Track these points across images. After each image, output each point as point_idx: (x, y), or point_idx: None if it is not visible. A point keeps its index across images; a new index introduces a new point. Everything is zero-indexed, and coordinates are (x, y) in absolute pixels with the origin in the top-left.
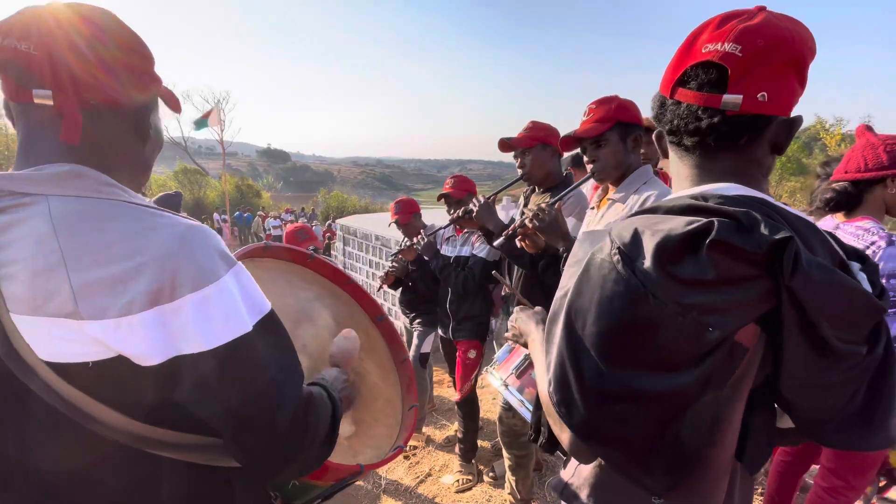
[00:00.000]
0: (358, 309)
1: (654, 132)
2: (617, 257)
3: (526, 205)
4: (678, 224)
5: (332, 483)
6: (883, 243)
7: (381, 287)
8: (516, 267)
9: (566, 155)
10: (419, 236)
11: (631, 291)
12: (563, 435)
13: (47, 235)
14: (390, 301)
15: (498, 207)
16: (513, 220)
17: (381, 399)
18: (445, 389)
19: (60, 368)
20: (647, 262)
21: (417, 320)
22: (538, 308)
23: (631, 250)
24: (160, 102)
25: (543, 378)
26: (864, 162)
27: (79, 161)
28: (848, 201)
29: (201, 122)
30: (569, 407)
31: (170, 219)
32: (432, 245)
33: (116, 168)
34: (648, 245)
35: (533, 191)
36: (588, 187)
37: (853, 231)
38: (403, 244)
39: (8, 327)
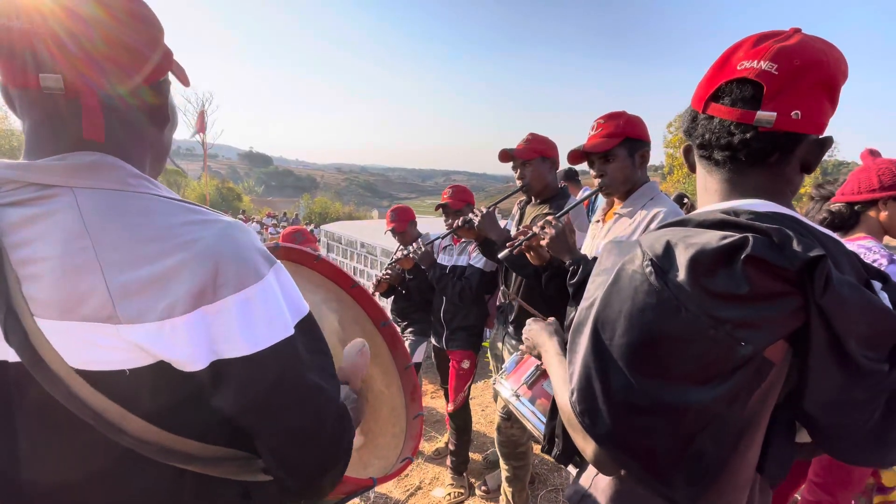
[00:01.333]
0: (362, 313)
1: (683, 146)
2: (649, 269)
3: (521, 216)
4: (712, 238)
5: (342, 497)
6: (885, 262)
7: (372, 294)
8: (514, 276)
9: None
10: (416, 245)
11: (663, 303)
12: (588, 447)
13: (77, 232)
14: None
15: None
16: (507, 230)
17: (387, 407)
18: (431, 400)
19: (92, 377)
20: (681, 275)
21: (409, 329)
22: (551, 319)
23: (664, 262)
24: (172, 78)
25: (564, 388)
26: (858, 185)
27: (99, 150)
28: (843, 222)
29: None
30: (593, 417)
31: (206, 214)
32: (430, 255)
33: (138, 157)
34: (682, 258)
35: (528, 202)
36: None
37: (854, 249)
38: (400, 252)
39: (31, 333)
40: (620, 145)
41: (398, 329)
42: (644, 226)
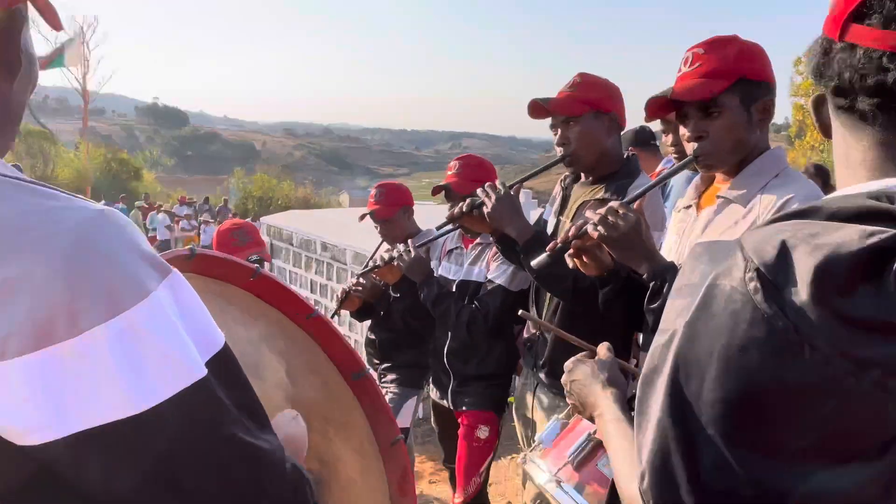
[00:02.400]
0: (323, 359)
1: (813, 96)
2: (754, 284)
3: (565, 202)
4: (850, 235)
5: None
6: None
7: (335, 313)
8: (548, 296)
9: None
10: (405, 245)
11: (776, 338)
12: None
13: None
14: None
15: None
16: (540, 222)
17: None
18: (429, 485)
19: None
20: (803, 294)
21: (391, 376)
22: (605, 353)
23: (777, 274)
24: (31, 15)
25: (629, 470)
26: None
27: None
28: None
29: (56, 60)
30: None
31: (66, 201)
32: (422, 262)
33: None
34: (804, 267)
35: (575, 180)
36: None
37: None
38: (383, 256)
39: None
40: (731, 90)
41: (377, 380)
42: (768, 220)
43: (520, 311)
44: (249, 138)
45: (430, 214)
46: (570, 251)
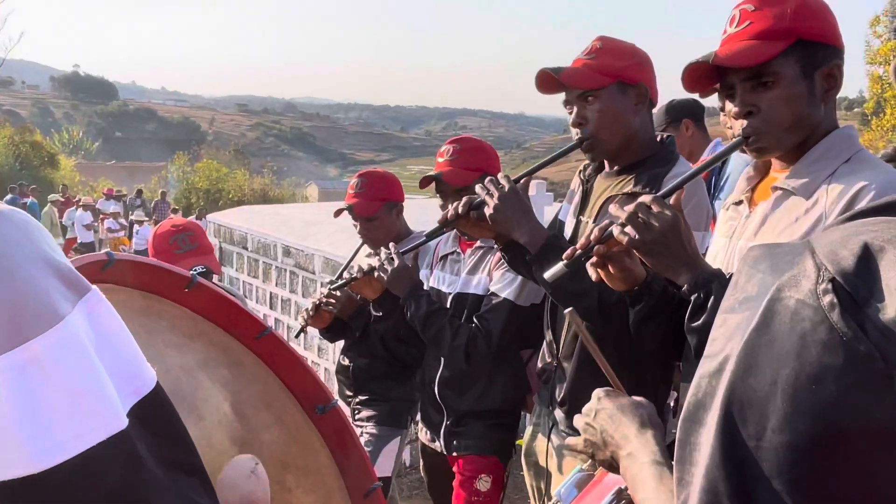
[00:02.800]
0: (279, 389)
1: (894, 63)
2: (829, 298)
3: (586, 197)
4: None
5: None
6: None
7: (301, 331)
8: (564, 317)
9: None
10: (387, 251)
11: (857, 366)
12: None
13: None
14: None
15: None
16: (556, 223)
17: None
18: None
19: None
20: (891, 311)
21: (369, 412)
22: (642, 399)
23: (858, 286)
24: None
25: None
26: None
27: None
28: None
29: None
30: None
31: None
32: (408, 271)
33: None
34: (893, 276)
35: (598, 171)
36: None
37: None
38: (357, 267)
39: None
40: (787, 54)
41: (348, 415)
42: (835, 214)
43: (567, 310)
44: (193, 116)
45: (419, 212)
46: (593, 260)
